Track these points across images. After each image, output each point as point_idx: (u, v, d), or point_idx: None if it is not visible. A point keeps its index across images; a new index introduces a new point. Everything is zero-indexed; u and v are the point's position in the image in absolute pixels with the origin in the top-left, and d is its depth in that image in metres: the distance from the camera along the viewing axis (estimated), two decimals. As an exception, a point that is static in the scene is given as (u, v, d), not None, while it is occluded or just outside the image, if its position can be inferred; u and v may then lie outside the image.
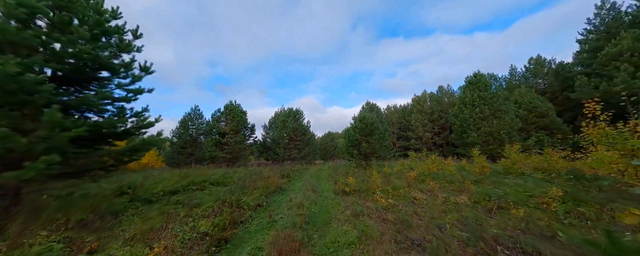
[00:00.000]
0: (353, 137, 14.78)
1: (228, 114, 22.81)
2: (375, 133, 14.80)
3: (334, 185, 8.85)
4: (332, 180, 10.51)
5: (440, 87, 39.71)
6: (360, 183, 7.33)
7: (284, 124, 24.66)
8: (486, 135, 16.27)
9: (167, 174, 11.06)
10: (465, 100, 17.80)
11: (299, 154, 24.20)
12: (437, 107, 35.44)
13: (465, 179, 7.37)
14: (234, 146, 21.70)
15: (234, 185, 7.23)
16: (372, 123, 14.84)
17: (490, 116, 16.47)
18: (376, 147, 14.61)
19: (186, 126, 23.75)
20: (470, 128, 16.97)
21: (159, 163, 21.77)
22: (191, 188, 8.05)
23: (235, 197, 5.61)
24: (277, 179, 8.98)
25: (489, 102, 16.83)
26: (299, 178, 12.53)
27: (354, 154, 14.26)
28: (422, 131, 34.15)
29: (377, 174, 6.83)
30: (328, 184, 9.67)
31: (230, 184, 8.49)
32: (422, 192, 6.14)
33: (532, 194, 4.77)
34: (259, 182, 8.19)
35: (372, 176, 9.16)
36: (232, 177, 10.57)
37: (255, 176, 10.76)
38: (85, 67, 4.23)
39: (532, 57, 26.67)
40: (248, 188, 6.82)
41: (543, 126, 17.56)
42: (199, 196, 6.85)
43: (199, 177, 9.26)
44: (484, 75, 18.18)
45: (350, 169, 13.22)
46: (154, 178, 9.22)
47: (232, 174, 11.29)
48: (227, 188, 7.42)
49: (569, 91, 21.49)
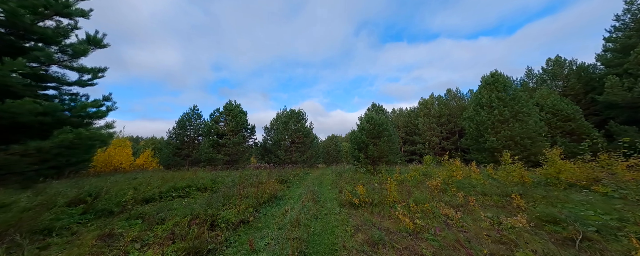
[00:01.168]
0: (359, 139, 13.45)
1: (227, 115, 21.75)
2: (384, 135, 13.45)
3: (339, 194, 7.52)
4: (336, 187, 9.18)
5: (449, 90, 38.22)
6: (371, 193, 5.99)
7: (286, 126, 23.46)
8: (506, 140, 14.73)
9: (152, 177, 9.89)
10: (482, 101, 16.34)
11: (300, 158, 22.90)
12: (446, 111, 33.96)
13: (498, 190, 5.97)
14: (233, 148, 20.54)
15: (219, 193, 5.98)
16: (381, 124, 13.51)
17: (511, 119, 14.96)
18: (385, 150, 13.24)
19: (184, 127, 22.74)
20: (488, 131, 15.46)
21: (153, 164, 20.72)
22: (171, 194, 6.82)
23: (212, 211, 4.33)
24: (273, 186, 7.70)
25: (509, 103, 15.33)
26: (299, 184, 11.22)
27: (360, 158, 12.91)
28: (430, 135, 32.61)
29: (392, 182, 5.49)
30: (332, 192, 8.35)
31: (218, 190, 7.25)
32: (453, 208, 4.77)
33: (622, 217, 3.38)
34: (251, 189, 6.92)
35: (385, 184, 7.79)
36: (224, 181, 9.33)
37: (248, 180, 9.50)
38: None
39: (551, 58, 25.08)
40: (234, 197, 5.54)
41: (569, 131, 15.93)
42: (175, 206, 5.60)
43: (184, 181, 8.04)
44: (502, 74, 16.74)
45: (356, 174, 11.87)
46: (131, 183, 8.04)
47: (224, 178, 10.06)
48: (213, 195, 6.16)
49: (595, 93, 19.83)
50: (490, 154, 15.55)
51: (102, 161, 17.47)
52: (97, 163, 17.24)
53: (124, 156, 18.46)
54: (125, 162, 18.62)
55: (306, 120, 24.98)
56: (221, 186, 8.11)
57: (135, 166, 20.04)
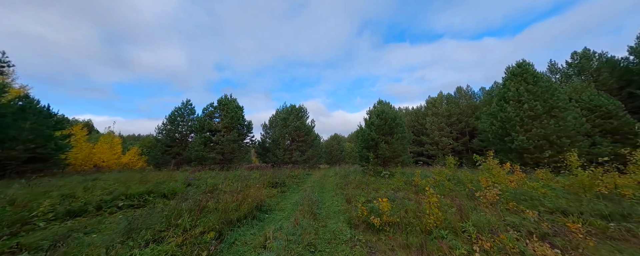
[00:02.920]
0: (368, 136, 11.52)
1: (222, 110, 19.99)
2: (397, 132, 11.50)
3: (346, 205, 5.62)
4: (341, 193, 7.28)
5: (459, 88, 36.12)
6: (398, 209, 4.07)
7: (285, 123, 21.62)
8: (539, 139, 12.66)
9: (117, 178, 8.10)
10: (508, 95, 14.29)
11: (301, 157, 21.02)
12: (455, 110, 31.94)
13: (584, 207, 4.01)
14: (227, 146, 18.76)
15: (177, 202, 4.13)
16: (394, 119, 11.56)
17: (544, 115, 12.89)
18: (398, 149, 11.29)
19: (175, 123, 21.04)
20: (516, 129, 13.40)
21: (140, 163, 19.04)
22: (116, 204, 4.99)
23: (134, 243, 2.47)
24: (258, 192, 5.83)
25: (541, 97, 13.27)
26: (296, 188, 9.34)
27: (369, 158, 10.98)
28: (439, 135, 30.58)
29: (432, 191, 3.57)
30: (336, 200, 6.45)
31: (190, 197, 5.41)
32: (542, 239, 2.84)
33: None
34: (230, 196, 5.06)
35: (408, 191, 5.86)
36: (202, 185, 7.49)
37: (234, 184, 7.64)
38: None
39: (576, 52, 22.85)
40: (192, 211, 3.68)
41: (610, 129, 13.79)
42: (101, 227, 3.77)
43: (145, 185, 6.22)
44: (530, 64, 14.67)
45: (364, 177, 9.96)
46: (81, 185, 6.26)
47: (206, 180, 8.22)
48: (151, 212, 4.31)
49: (633, 87, 17.61)
50: (518, 155, 13.50)
51: (81, 158, 15.84)
52: (75, 161, 15.61)
53: (107, 153, 16.82)
54: (108, 160, 16.98)
55: (307, 117, 23.12)
56: (196, 191, 6.26)
57: (121, 165, 18.40)
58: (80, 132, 18.90)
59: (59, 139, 11.58)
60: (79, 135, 18.61)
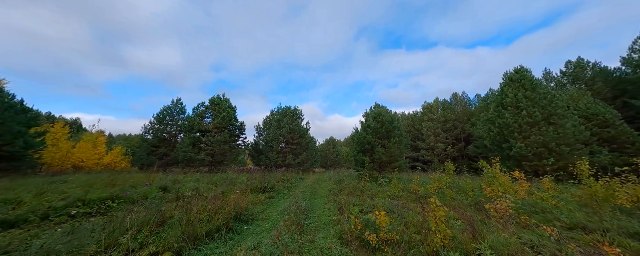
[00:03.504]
0: (364, 140, 11.00)
1: (213, 109, 19.25)
2: (394, 135, 11.01)
3: (338, 215, 5.02)
4: (334, 201, 6.68)
5: (455, 95, 36.25)
6: (398, 223, 3.50)
7: (279, 125, 20.97)
8: (538, 146, 12.36)
9: (82, 179, 7.32)
10: (506, 101, 14.05)
11: (294, 160, 20.33)
12: (451, 116, 32.00)
13: (611, 224, 3.52)
14: (217, 147, 17.97)
15: (125, 214, 3.47)
16: (391, 122, 11.09)
17: (543, 122, 12.64)
18: (395, 154, 10.78)
19: (164, 122, 20.15)
20: (514, 136, 13.11)
21: (124, 163, 18.03)
22: (68, 212, 4.27)
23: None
24: (241, 198, 5.18)
25: (540, 103, 13.04)
26: (286, 193, 8.69)
27: (365, 162, 10.42)
28: (435, 141, 30.40)
29: (438, 204, 3.01)
30: (328, 209, 5.84)
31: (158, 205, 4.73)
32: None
33: None
34: (209, 203, 4.41)
35: (415, 204, 5.31)
36: (181, 188, 6.79)
37: (217, 189, 6.97)
38: None
39: (570, 61, 23.07)
40: (149, 222, 3.03)
41: (607, 138, 13.64)
42: (43, 237, 3.08)
43: (110, 189, 5.50)
44: (528, 70, 14.52)
45: (359, 182, 9.38)
46: (32, 188, 5.50)
47: (185, 184, 7.51)
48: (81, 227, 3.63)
49: (627, 96, 17.68)
50: (516, 163, 13.17)
51: (58, 158, 14.82)
52: (52, 160, 14.59)
53: (87, 153, 15.81)
54: (88, 160, 15.96)
55: (302, 119, 22.53)
56: (171, 197, 5.57)
57: (103, 166, 17.37)
58: (61, 130, 17.83)
59: (29, 137, 10.67)
60: (60, 133, 17.54)
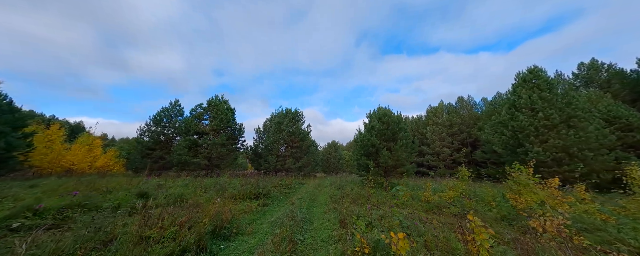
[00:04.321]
0: (368, 142, 10.16)
1: (211, 111, 18.64)
2: (401, 138, 10.17)
3: (340, 229, 4.18)
4: (335, 209, 5.84)
5: (460, 98, 35.40)
6: (419, 247, 2.67)
7: (279, 127, 20.25)
8: (557, 150, 11.38)
9: (55, 184, 6.59)
10: (520, 103, 13.16)
11: (294, 164, 19.49)
12: (457, 120, 31.11)
13: None
14: (214, 150, 17.25)
15: (76, 229, 2.70)
16: (397, 123, 10.26)
17: (562, 125, 11.69)
18: (402, 158, 9.91)
19: (160, 124, 19.56)
20: (530, 139, 12.15)
21: (118, 167, 17.36)
22: (9, 225, 3.49)
23: None
24: (222, 207, 4.37)
25: (557, 105, 12.13)
26: (283, 200, 7.84)
27: (369, 167, 9.55)
28: (440, 145, 29.40)
29: (479, 224, 2.17)
30: (328, 220, 4.99)
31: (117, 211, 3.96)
32: None
33: None
34: (166, 215, 3.62)
35: (427, 215, 4.46)
36: (159, 196, 6.00)
37: (203, 196, 6.18)
38: None
39: (583, 62, 22.15)
40: (94, 239, 2.24)
41: (632, 143, 12.59)
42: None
43: (66, 198, 4.73)
44: (542, 69, 13.67)
45: (363, 189, 8.50)
46: None
47: (168, 189, 6.73)
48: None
49: (649, 100, 16.64)
50: (532, 169, 12.18)
51: (47, 160, 14.20)
52: (41, 163, 13.97)
53: (79, 155, 15.20)
54: (80, 163, 15.33)
55: (303, 122, 21.80)
56: (151, 204, 4.78)
57: (96, 168, 16.72)
58: (56, 132, 17.35)
59: (13, 137, 10.07)
60: (55, 136, 17.05)
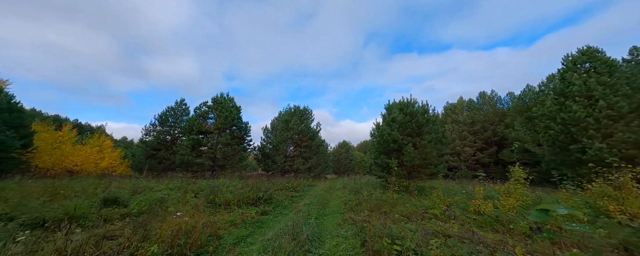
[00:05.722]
0: (388, 137, 8.49)
1: (216, 109, 17.73)
2: (429, 132, 8.42)
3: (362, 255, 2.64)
4: (352, 223, 4.31)
5: (482, 93, 32.64)
6: None
7: (287, 125, 18.97)
8: (628, 147, 9.10)
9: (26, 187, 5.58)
10: (571, 90, 10.93)
11: (304, 165, 18.09)
12: (479, 117, 28.50)
13: None
14: (218, 150, 16.26)
15: None
16: (423, 113, 8.54)
17: (633, 115, 9.40)
18: (431, 156, 8.15)
19: (166, 124, 18.95)
20: (590, 133, 9.91)
21: (122, 168, 16.82)
22: None
23: None
24: (195, 218, 2.98)
25: (623, 91, 9.83)
26: (288, 206, 6.41)
27: (391, 166, 7.87)
28: (461, 145, 26.90)
29: None
30: (344, 237, 3.46)
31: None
32: None
33: None
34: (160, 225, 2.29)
35: (481, 231, 2.83)
36: (131, 203, 4.77)
37: (196, 199, 4.89)
38: None
39: (637, 46, 19.03)
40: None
41: None
42: None
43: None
44: (600, 50, 11.32)
45: (384, 193, 6.87)
46: None
47: (149, 193, 5.51)
48: None
49: None
50: (590, 170, 9.93)
51: (51, 161, 13.79)
52: (44, 164, 13.56)
53: (82, 156, 14.73)
54: (82, 163, 14.86)
55: (312, 120, 20.40)
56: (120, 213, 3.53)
57: (101, 169, 16.27)
58: (67, 133, 17.19)
59: (4, 135, 9.45)
60: (66, 137, 16.87)
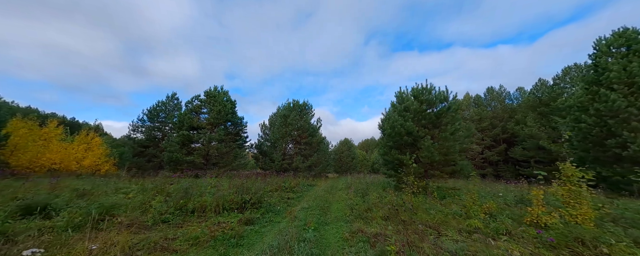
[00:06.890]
0: (400, 129, 7.18)
1: (209, 103, 16.48)
2: (448, 122, 7.10)
3: None
4: (363, 237, 3.01)
5: (490, 89, 31.32)
6: None
7: (285, 121, 17.69)
8: (681, 139, 7.77)
9: None
10: (607, 78, 9.57)
11: (303, 163, 16.83)
12: (487, 114, 27.34)
13: None
14: (210, 147, 15.03)
15: None
16: (442, 100, 7.22)
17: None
18: (451, 151, 6.84)
19: (156, 119, 17.72)
20: (632, 126, 8.58)
21: (107, 166, 15.61)
22: None
23: None
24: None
25: (672, 75, 8.46)
26: (281, 212, 5.14)
27: (404, 163, 6.57)
28: (468, 142, 25.60)
29: None
30: None
31: None
32: None
33: None
34: None
35: None
36: (72, 209, 3.51)
37: (162, 203, 3.62)
38: None
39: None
40: None
41: None
42: None
43: None
44: (639, 31, 9.94)
45: (397, 195, 5.60)
46: None
47: (101, 197, 4.26)
48: None
49: None
50: (628, 169, 8.62)
51: (26, 159, 12.60)
52: (17, 161, 12.38)
53: (60, 154, 13.54)
54: (63, 161, 13.67)
55: (312, 115, 19.12)
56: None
57: (84, 168, 15.08)
58: (54, 130, 16.04)
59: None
60: (52, 134, 15.72)
